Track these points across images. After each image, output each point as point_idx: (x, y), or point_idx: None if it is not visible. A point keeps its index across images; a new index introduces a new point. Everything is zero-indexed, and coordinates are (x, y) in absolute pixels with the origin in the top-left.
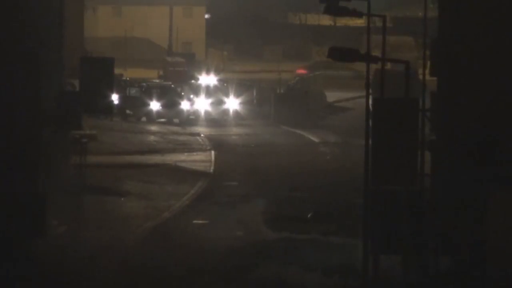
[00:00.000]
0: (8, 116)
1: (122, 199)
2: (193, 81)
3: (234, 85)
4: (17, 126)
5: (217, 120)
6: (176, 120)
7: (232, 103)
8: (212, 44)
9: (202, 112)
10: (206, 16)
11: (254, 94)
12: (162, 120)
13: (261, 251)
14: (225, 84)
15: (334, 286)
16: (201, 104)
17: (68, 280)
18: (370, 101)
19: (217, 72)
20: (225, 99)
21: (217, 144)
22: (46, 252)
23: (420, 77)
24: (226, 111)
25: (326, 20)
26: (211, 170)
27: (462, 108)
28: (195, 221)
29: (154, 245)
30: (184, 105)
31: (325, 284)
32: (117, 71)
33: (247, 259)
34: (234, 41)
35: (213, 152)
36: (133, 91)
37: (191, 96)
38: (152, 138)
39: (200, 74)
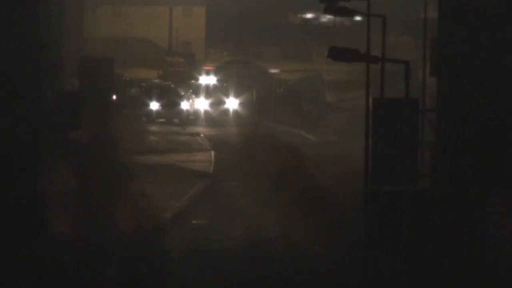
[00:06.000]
0: (8, 116)
1: (122, 199)
2: (193, 81)
3: (234, 85)
4: (17, 126)
5: (217, 120)
6: (176, 120)
7: (232, 103)
8: (212, 44)
9: (202, 112)
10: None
11: (254, 94)
12: (162, 120)
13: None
14: (225, 84)
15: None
16: (201, 104)
17: (68, 280)
18: (370, 101)
19: (217, 72)
20: (225, 99)
21: (216, 144)
22: (46, 252)
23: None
24: (226, 111)
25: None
26: (211, 170)
27: (462, 108)
28: (194, 221)
29: (154, 245)
30: (184, 105)
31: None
32: (117, 71)
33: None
34: (234, 41)
35: (212, 153)
36: (133, 91)
37: (193, 96)
38: (152, 138)
39: (200, 74)
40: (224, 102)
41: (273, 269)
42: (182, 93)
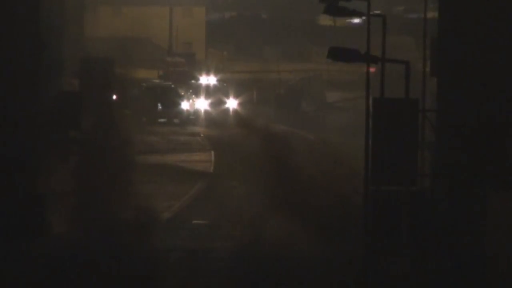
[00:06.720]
0: (7, 116)
1: (122, 198)
2: (193, 81)
3: (234, 85)
4: (16, 126)
5: (217, 120)
6: (176, 120)
7: (232, 103)
8: (212, 44)
9: (202, 112)
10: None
11: (254, 94)
12: (162, 120)
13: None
14: (225, 84)
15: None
16: (201, 104)
17: (68, 280)
18: (370, 101)
19: (217, 72)
20: (225, 99)
21: (217, 144)
22: (46, 252)
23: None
24: (226, 111)
25: (326, 20)
26: (211, 170)
27: (462, 108)
28: (195, 221)
29: (154, 245)
30: (184, 105)
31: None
32: (117, 71)
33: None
34: (234, 41)
35: (213, 152)
36: (133, 91)
37: (193, 96)
38: (152, 138)
39: (200, 74)
40: (224, 102)
41: (272, 269)
42: (182, 93)
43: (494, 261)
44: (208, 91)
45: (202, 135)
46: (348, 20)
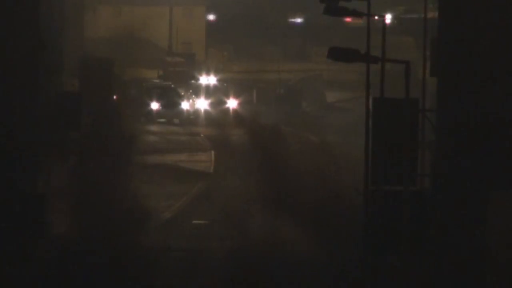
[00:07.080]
0: (8, 116)
1: (122, 199)
2: (193, 81)
3: (234, 85)
4: (17, 126)
5: (217, 120)
6: (176, 120)
7: (232, 103)
8: (212, 44)
9: (202, 112)
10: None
11: (254, 94)
12: (162, 120)
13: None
14: (225, 84)
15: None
16: (201, 104)
17: (67, 280)
18: (370, 101)
19: (217, 72)
20: (225, 99)
21: (217, 144)
22: (46, 252)
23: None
24: (226, 111)
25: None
26: (211, 170)
27: (461, 108)
28: (195, 221)
29: (153, 245)
30: (184, 105)
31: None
32: (117, 71)
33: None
34: (234, 41)
35: (213, 152)
36: (133, 91)
37: (193, 96)
38: (152, 138)
39: (200, 74)
40: (224, 102)
41: (272, 269)
42: (182, 93)
43: (494, 260)
44: (208, 91)
45: (202, 135)
46: (291, 20)
